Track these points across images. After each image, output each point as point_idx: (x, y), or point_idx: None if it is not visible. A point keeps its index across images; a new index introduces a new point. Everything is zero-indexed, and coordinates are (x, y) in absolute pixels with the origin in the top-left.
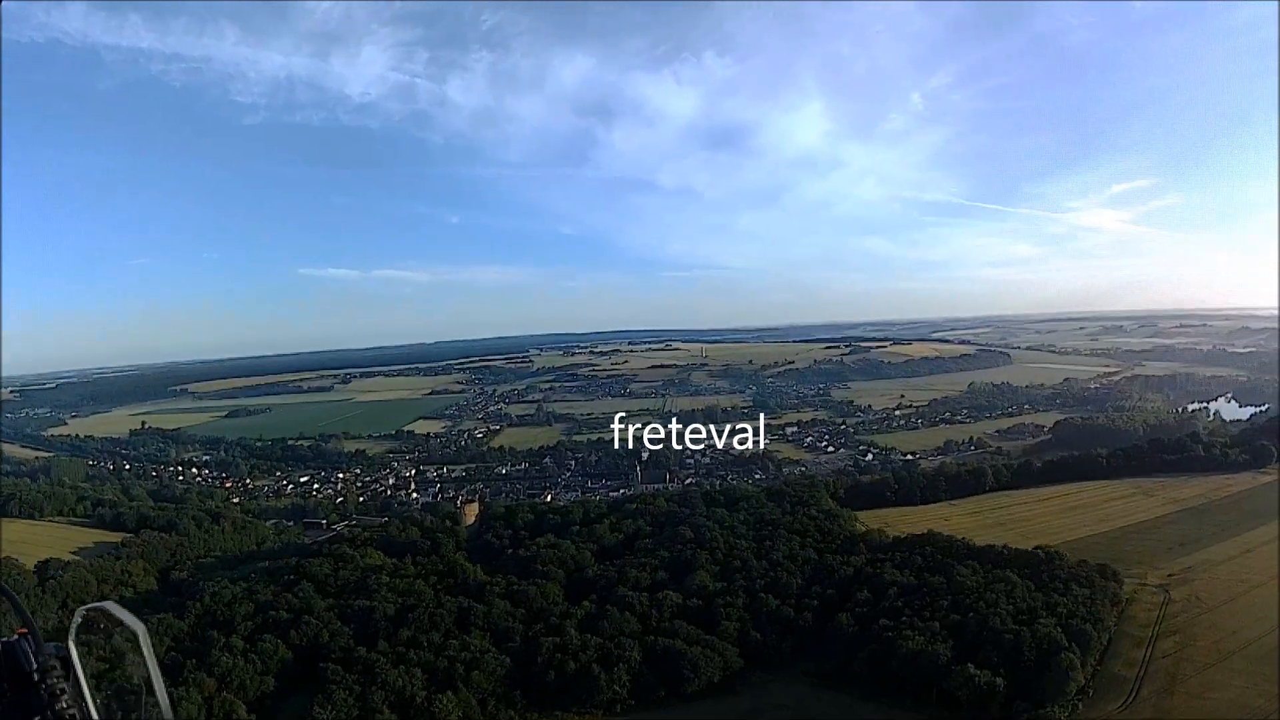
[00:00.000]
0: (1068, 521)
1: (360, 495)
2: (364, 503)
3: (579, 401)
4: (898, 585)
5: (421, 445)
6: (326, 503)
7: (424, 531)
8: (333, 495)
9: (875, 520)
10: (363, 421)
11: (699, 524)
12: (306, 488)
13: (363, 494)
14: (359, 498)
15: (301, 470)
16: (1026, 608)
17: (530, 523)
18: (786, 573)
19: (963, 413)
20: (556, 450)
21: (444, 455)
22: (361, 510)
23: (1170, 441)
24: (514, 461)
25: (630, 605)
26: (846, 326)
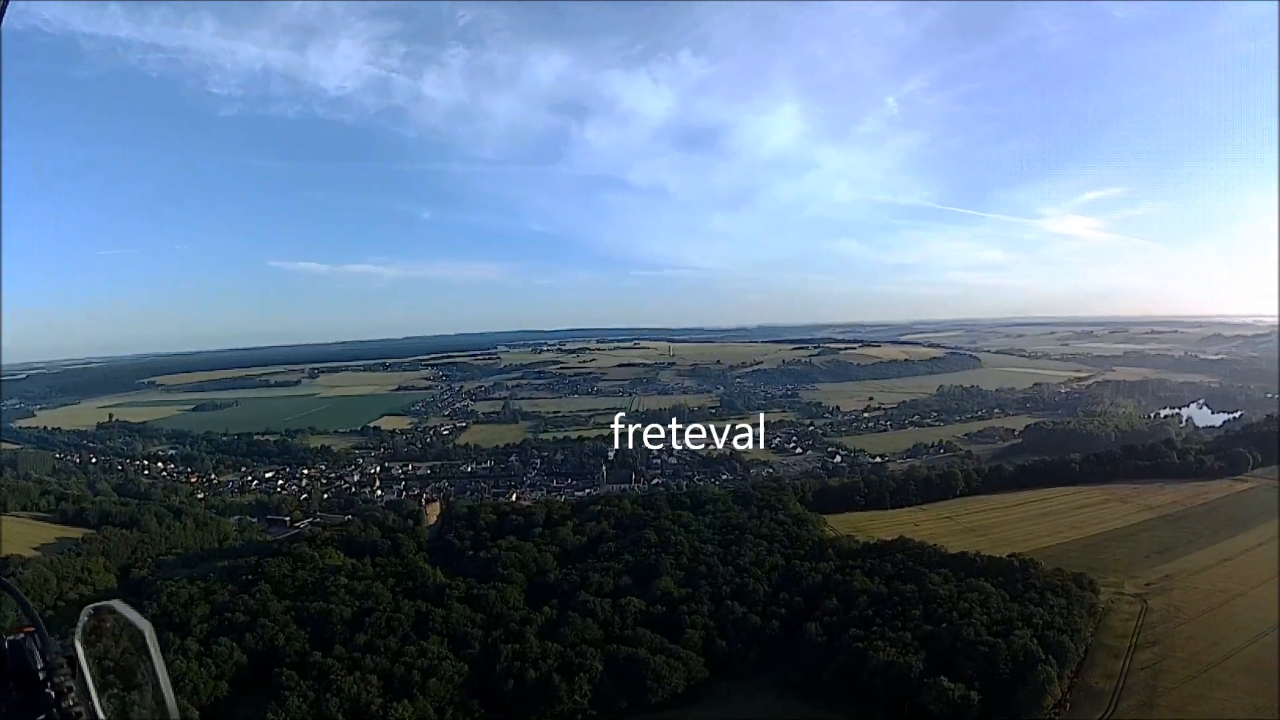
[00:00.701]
0: (1041, 528)
1: (325, 492)
2: (328, 500)
3: (546, 399)
4: (868, 593)
5: (387, 442)
6: (291, 499)
7: (385, 531)
8: (297, 492)
9: (844, 525)
10: (329, 417)
11: (664, 527)
12: (271, 484)
13: (327, 491)
14: (323, 495)
15: (267, 466)
16: (1001, 618)
17: (492, 523)
18: (753, 579)
19: (932, 415)
20: (522, 448)
21: (409, 452)
22: (325, 507)
23: (1144, 447)
24: (479, 459)
25: (592, 611)
26: (816, 328)
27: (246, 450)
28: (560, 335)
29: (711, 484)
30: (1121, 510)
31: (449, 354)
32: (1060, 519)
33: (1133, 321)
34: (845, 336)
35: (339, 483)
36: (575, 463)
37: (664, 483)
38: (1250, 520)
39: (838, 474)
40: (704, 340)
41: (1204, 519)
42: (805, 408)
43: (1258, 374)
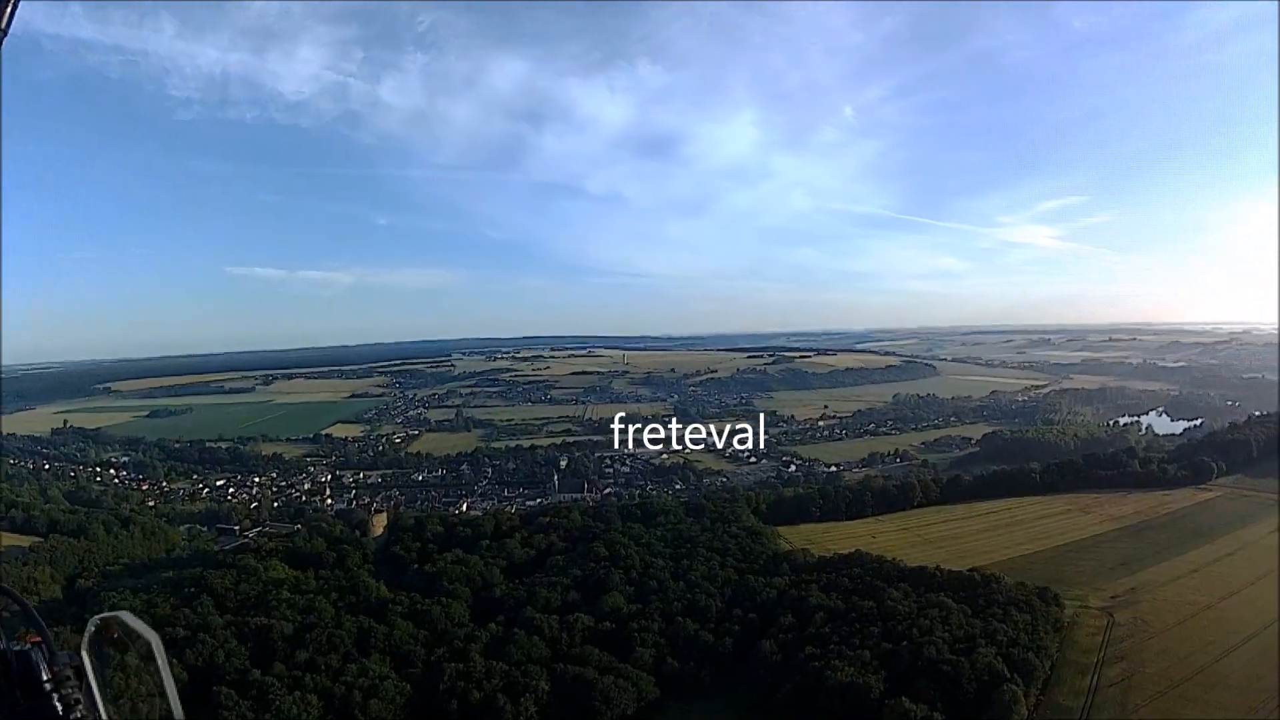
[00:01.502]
0: (1002, 540)
1: (275, 501)
2: (278, 508)
3: (499, 407)
4: (824, 609)
5: (339, 449)
6: (241, 508)
7: (330, 542)
8: (248, 500)
9: (799, 537)
10: (282, 424)
11: (614, 540)
12: (222, 491)
13: (277, 499)
14: (273, 503)
15: (219, 473)
16: (964, 635)
17: (440, 535)
18: (705, 595)
19: (888, 424)
20: (474, 457)
21: (361, 460)
22: (275, 516)
23: (1105, 456)
24: (431, 468)
25: (539, 628)
26: (770, 336)
27: (199, 457)
28: (515, 343)
29: (665, 493)
30: (1084, 521)
31: (403, 361)
32: (1021, 530)
33: (1090, 329)
34: (800, 345)
35: (290, 491)
36: (527, 472)
37: (616, 492)
38: (1216, 530)
39: (792, 483)
40: (658, 348)
41: (1168, 529)
42: (760, 416)
43: (1217, 381)
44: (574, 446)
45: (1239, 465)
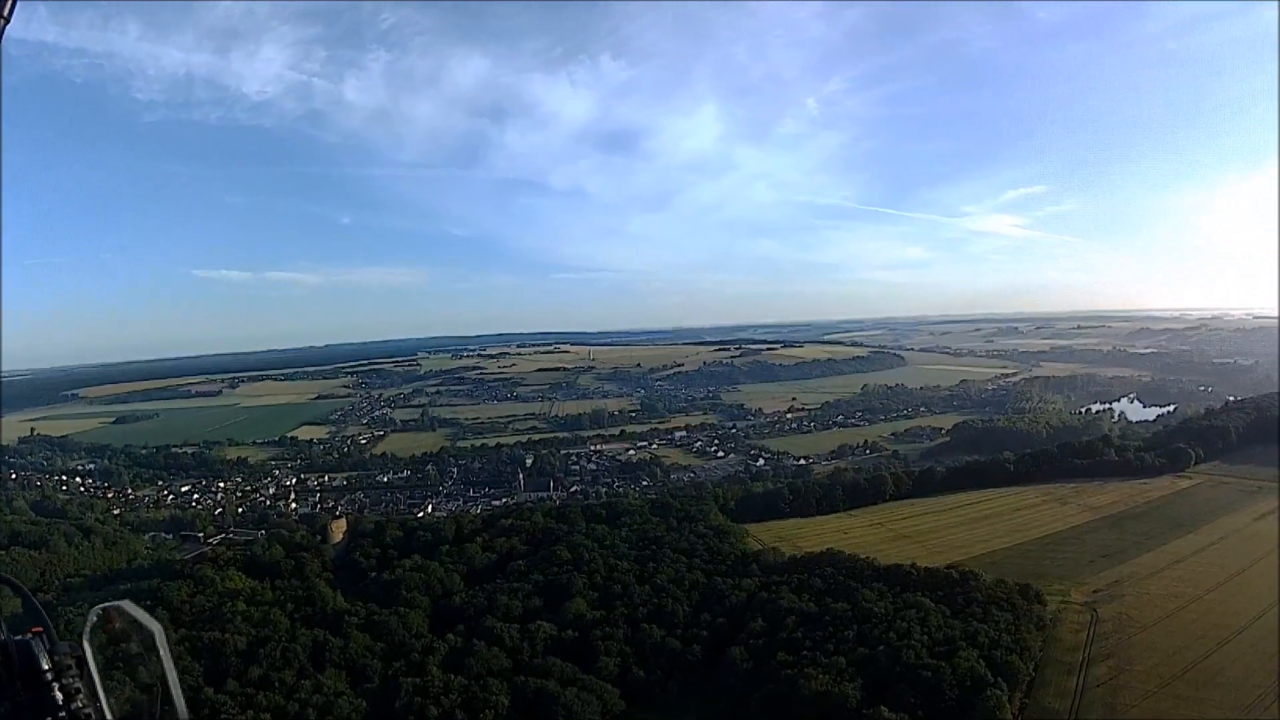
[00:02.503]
0: (978, 533)
1: (240, 506)
2: (243, 514)
3: (465, 406)
4: (796, 613)
5: (304, 452)
6: (205, 514)
7: (289, 550)
8: (212, 506)
9: (769, 534)
10: (248, 428)
11: (577, 543)
12: (187, 498)
13: (242, 504)
14: (238, 509)
15: (184, 479)
16: (943, 638)
17: (399, 540)
18: (672, 599)
19: (857, 415)
20: (440, 457)
21: (326, 463)
22: (240, 522)
23: (1081, 445)
24: (396, 469)
25: (500, 638)
26: (737, 329)
27: (164, 463)
28: (481, 340)
29: (632, 490)
30: (1061, 512)
31: (369, 361)
32: (998, 523)
33: (1058, 317)
34: (767, 337)
35: (254, 496)
36: (493, 471)
37: (583, 490)
38: (1199, 519)
39: (761, 478)
40: (625, 343)
41: (1149, 519)
42: (727, 409)
43: (1189, 367)
44: (540, 444)
45: (1217, 452)
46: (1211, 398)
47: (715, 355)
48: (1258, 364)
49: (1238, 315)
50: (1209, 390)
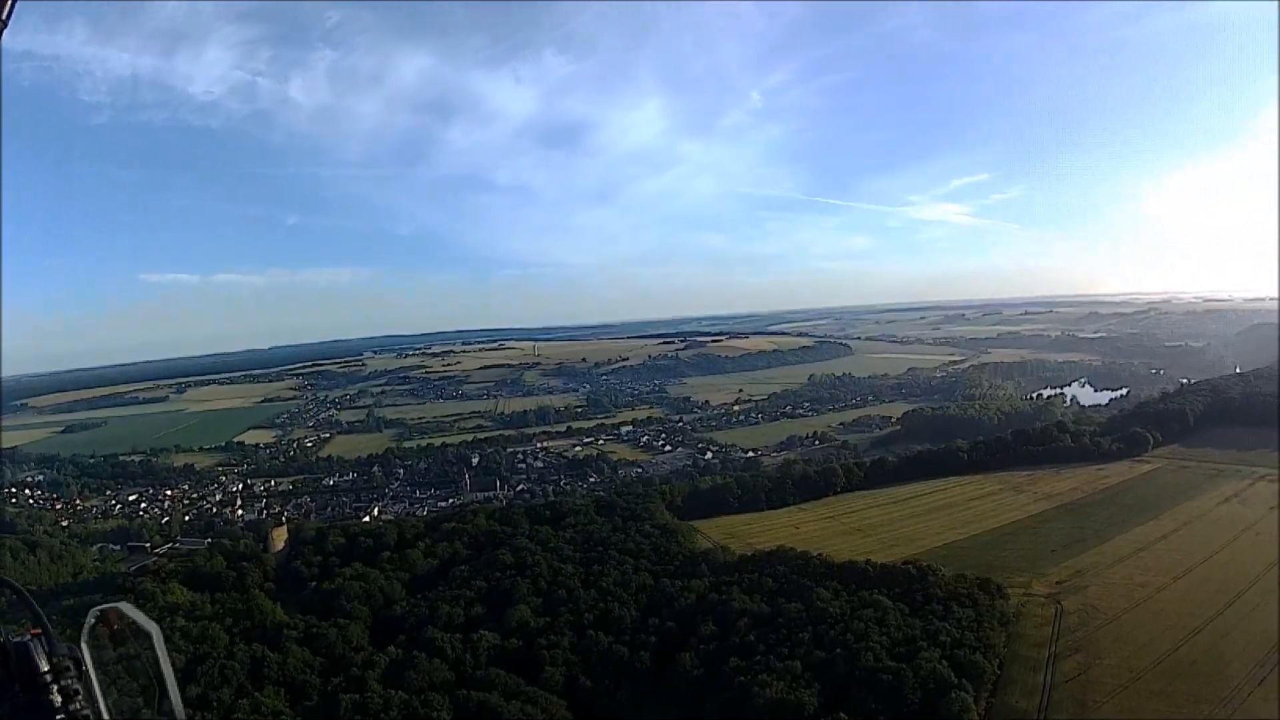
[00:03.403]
0: (933, 525)
1: (186, 514)
2: (189, 522)
3: (410, 405)
4: (748, 615)
5: (251, 457)
6: (152, 523)
7: (230, 560)
8: (160, 515)
9: (718, 531)
10: (195, 433)
11: (520, 546)
12: (135, 507)
13: (189, 512)
14: (184, 517)
15: (131, 488)
16: (903, 638)
17: (341, 547)
18: (619, 603)
19: (804, 406)
20: (385, 458)
21: (272, 467)
22: (186, 530)
23: (1035, 431)
24: (342, 472)
25: (441, 650)
26: (682, 321)
27: (112, 472)
28: (426, 339)
29: (579, 487)
30: (1018, 500)
31: (315, 362)
32: (953, 513)
33: (1005, 303)
34: (712, 329)
35: (201, 503)
36: (438, 471)
37: (529, 488)
38: (1160, 505)
39: (710, 471)
40: (570, 338)
41: (1109, 505)
42: (673, 403)
43: (1139, 350)
44: (486, 443)
45: (1175, 435)
46: (1164, 380)
47: (661, 348)
48: (1209, 346)
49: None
50: (1161, 373)
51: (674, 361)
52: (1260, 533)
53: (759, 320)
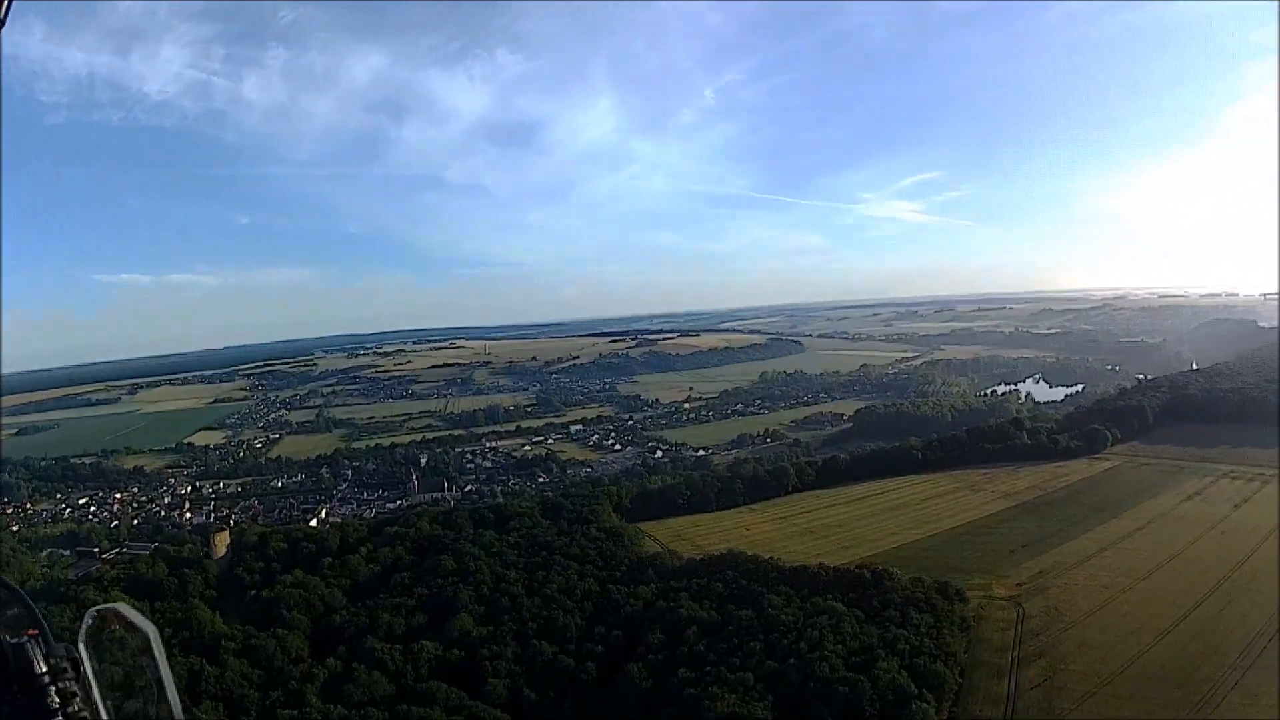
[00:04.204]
0: (888, 525)
1: (135, 518)
2: (138, 526)
3: (360, 405)
4: (697, 623)
5: (200, 459)
6: (102, 528)
7: (172, 567)
8: (109, 518)
9: (667, 533)
10: (146, 435)
11: (463, 551)
12: (85, 511)
13: (138, 516)
14: (133, 520)
15: (81, 491)
16: (859, 646)
17: (283, 552)
18: (564, 611)
19: (755, 403)
20: (334, 460)
21: (222, 469)
22: (134, 534)
23: (990, 428)
24: (291, 473)
25: (381, 661)
26: (634, 319)
27: (63, 475)
28: (377, 338)
29: (528, 488)
30: (975, 499)
31: (266, 362)
32: (908, 513)
33: (959, 300)
34: (663, 327)
35: (150, 506)
36: (387, 472)
37: (477, 489)
38: (1122, 503)
39: (659, 471)
40: (521, 337)
41: (1069, 504)
42: (624, 401)
43: (1094, 346)
44: (435, 443)
45: (1134, 432)
46: (1120, 376)
47: (611, 347)
48: (1165, 342)
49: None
50: (1117, 369)
51: (625, 359)
52: (1225, 531)
53: (711, 318)
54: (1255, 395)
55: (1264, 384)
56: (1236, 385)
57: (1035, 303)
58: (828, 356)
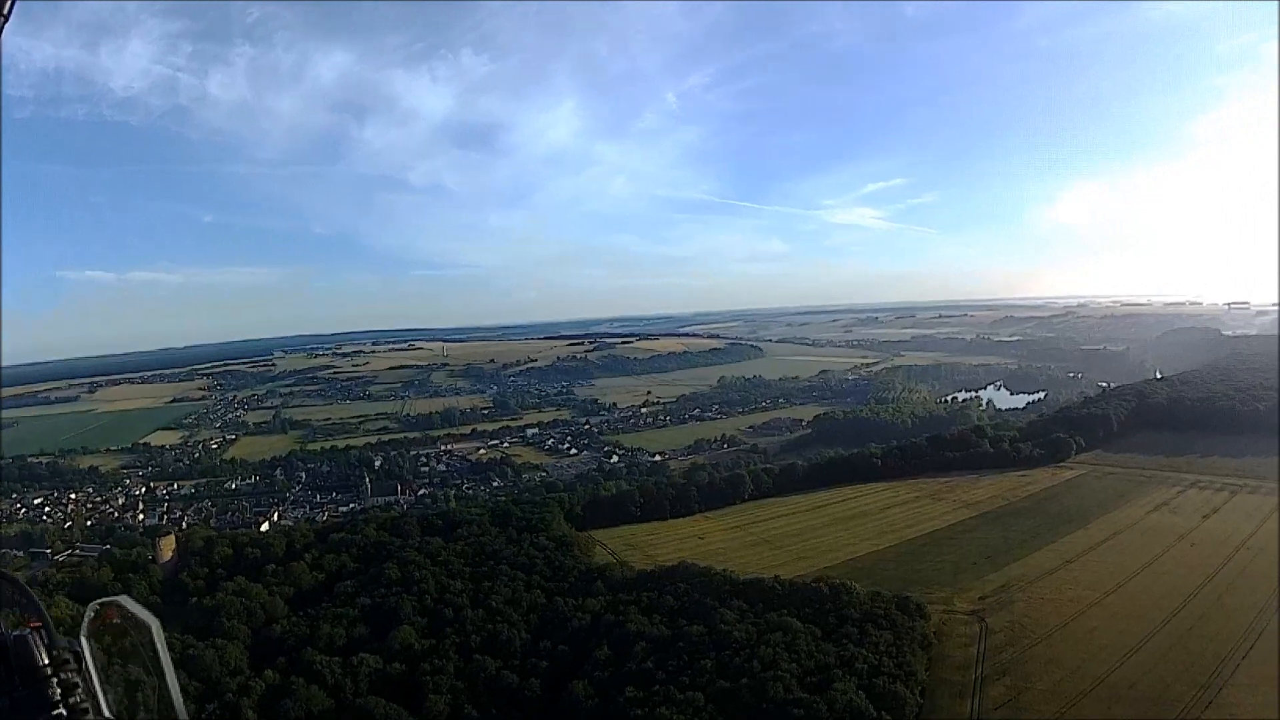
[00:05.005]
0: (846, 535)
1: (89, 518)
2: (91, 527)
3: (318, 406)
4: (646, 638)
5: (156, 459)
6: (55, 528)
7: (118, 571)
8: (63, 519)
9: (619, 541)
10: (103, 434)
11: (408, 559)
12: (39, 511)
13: (91, 517)
14: (87, 521)
15: (36, 491)
16: (815, 665)
17: (229, 558)
18: (508, 624)
19: (713, 408)
20: (289, 461)
21: (177, 470)
22: (88, 536)
23: (952, 436)
24: (245, 475)
25: (320, 674)
26: (593, 322)
27: (19, 474)
28: (336, 338)
29: (482, 492)
30: (936, 509)
31: (226, 362)
32: (867, 522)
33: (919, 306)
34: (623, 330)
35: (104, 507)
36: (341, 475)
37: (431, 493)
38: (1087, 513)
39: (615, 476)
40: (479, 339)
41: (1033, 514)
42: (581, 405)
43: (1056, 354)
44: (390, 445)
45: (1099, 441)
46: (1083, 384)
47: (570, 350)
48: (1129, 350)
49: (1104, 302)
50: (1079, 377)
51: (583, 363)
52: (1195, 543)
53: (671, 322)
54: (1223, 404)
55: (1231, 393)
56: (1204, 394)
57: (997, 310)
58: (787, 362)
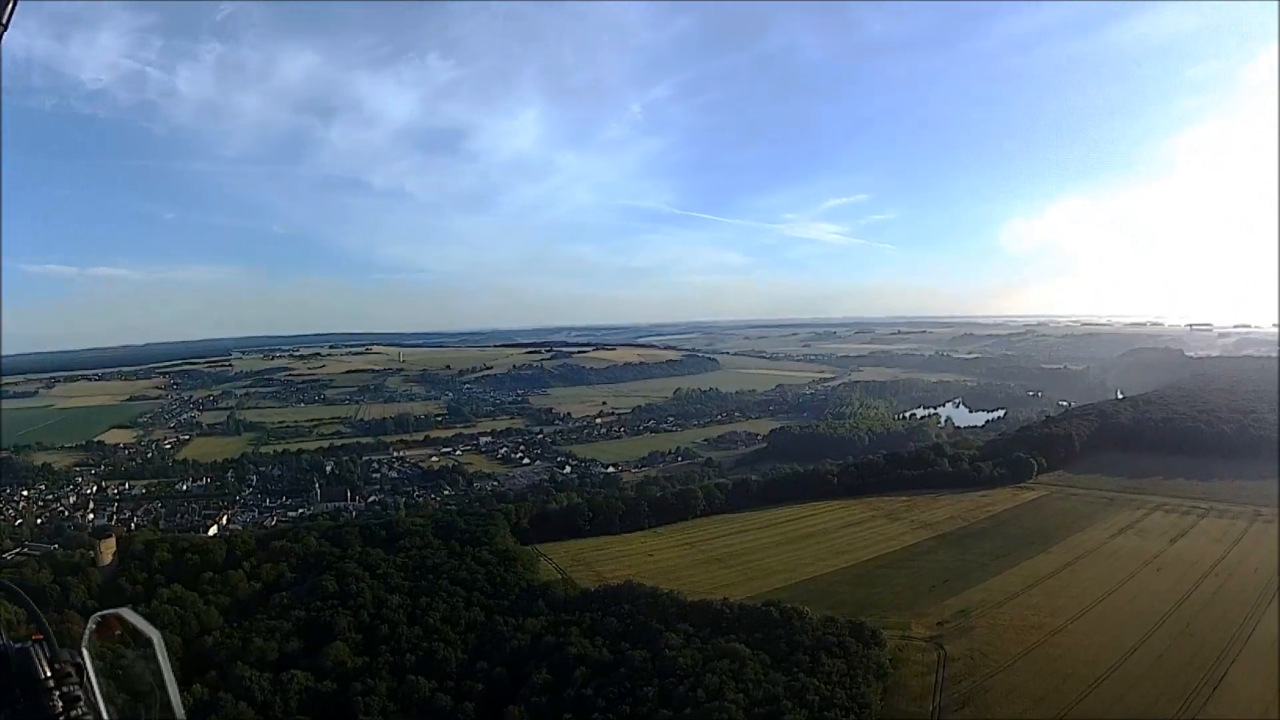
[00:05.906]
0: (800, 554)
1: (39, 516)
2: (41, 525)
3: (273, 408)
4: (587, 663)
5: (109, 457)
6: (6, 526)
7: (58, 573)
8: (13, 517)
9: (566, 556)
10: (58, 431)
11: (347, 571)
12: None
13: (42, 515)
14: (37, 519)
15: None
16: (764, 696)
17: (168, 563)
18: (444, 643)
19: (669, 420)
20: (241, 464)
21: (129, 469)
22: (38, 535)
23: (910, 454)
24: (196, 476)
25: (250, 691)
26: (551, 330)
27: None
28: (295, 340)
29: (432, 500)
30: (893, 529)
31: (184, 360)
32: (822, 542)
33: (878, 322)
34: (580, 339)
35: (55, 505)
36: (292, 479)
37: (381, 499)
38: (1051, 535)
39: (567, 487)
40: (436, 345)
41: (994, 536)
42: (535, 414)
43: (1016, 372)
44: (343, 450)
45: (1060, 461)
46: (1043, 403)
47: (526, 358)
48: (1089, 369)
49: (1064, 321)
50: (1039, 395)
51: (539, 371)
52: (1162, 568)
53: (628, 332)
54: (1187, 425)
55: (1195, 414)
56: (1167, 415)
57: (956, 327)
58: (744, 375)
